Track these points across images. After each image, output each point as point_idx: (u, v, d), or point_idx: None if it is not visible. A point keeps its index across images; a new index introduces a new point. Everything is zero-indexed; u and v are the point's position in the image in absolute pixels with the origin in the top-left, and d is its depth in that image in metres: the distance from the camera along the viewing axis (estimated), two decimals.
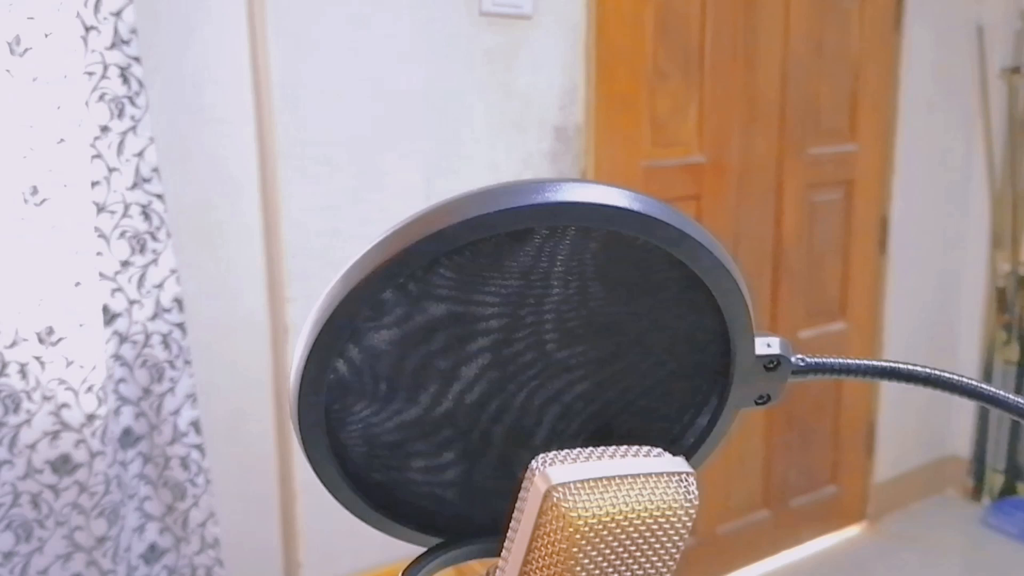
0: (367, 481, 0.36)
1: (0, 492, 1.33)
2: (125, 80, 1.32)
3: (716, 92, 2.11)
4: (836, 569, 2.50)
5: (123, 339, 1.39)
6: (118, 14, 1.30)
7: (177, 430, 1.43)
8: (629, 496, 0.28)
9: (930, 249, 2.61)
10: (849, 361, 0.38)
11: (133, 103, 1.33)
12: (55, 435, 1.33)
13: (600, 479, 0.28)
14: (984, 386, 0.34)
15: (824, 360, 0.38)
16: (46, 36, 1.24)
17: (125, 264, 1.37)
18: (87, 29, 1.28)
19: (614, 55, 1.90)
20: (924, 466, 2.75)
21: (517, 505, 0.30)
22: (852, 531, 2.64)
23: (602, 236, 0.33)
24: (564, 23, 1.78)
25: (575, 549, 0.28)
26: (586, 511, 0.28)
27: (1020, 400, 0.33)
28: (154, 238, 1.38)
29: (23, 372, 1.31)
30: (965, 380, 0.34)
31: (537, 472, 0.29)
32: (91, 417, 1.33)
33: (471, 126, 1.69)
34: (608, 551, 0.28)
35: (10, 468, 1.33)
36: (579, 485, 0.28)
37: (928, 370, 0.35)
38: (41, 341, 1.30)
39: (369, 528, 0.38)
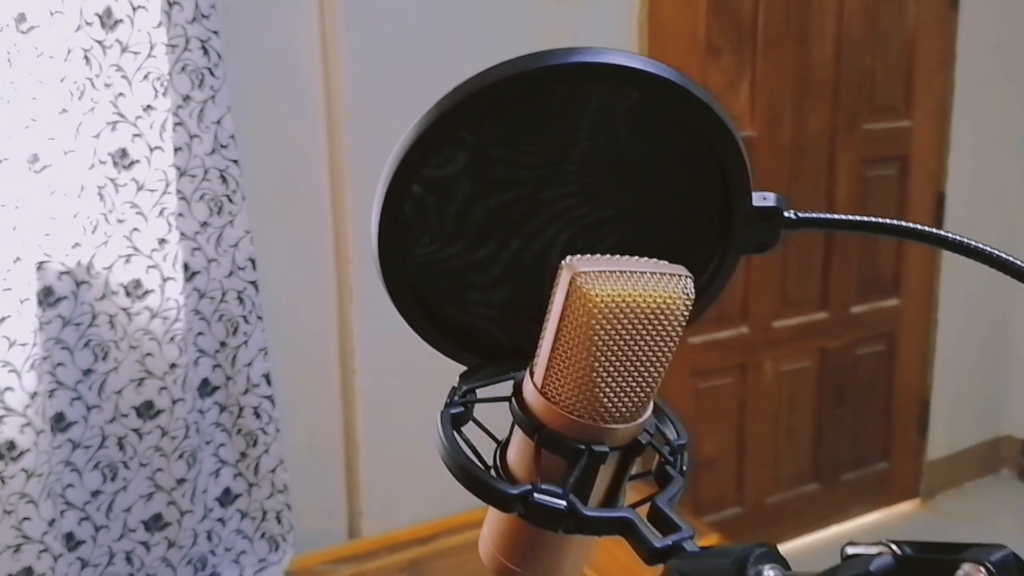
0: (431, 306, 0.44)
1: (89, 434, 1.44)
2: (205, 52, 1.41)
3: (769, 67, 2.13)
4: None
5: (202, 295, 1.49)
6: None
7: (250, 381, 1.53)
8: (637, 285, 0.35)
9: (986, 226, 2.59)
10: (840, 216, 0.44)
11: (213, 74, 1.42)
12: (140, 382, 1.44)
13: (615, 271, 0.36)
14: (961, 238, 0.39)
15: (815, 215, 0.44)
16: (134, 10, 1.34)
17: (204, 225, 1.47)
18: (170, 4, 1.38)
19: (666, 30, 1.94)
20: (978, 445, 2.74)
21: (550, 299, 0.37)
22: (904, 508, 2.64)
23: (624, 96, 0.39)
24: None
25: (593, 322, 0.35)
26: (603, 290, 0.35)
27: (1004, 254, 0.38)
28: (230, 200, 1.47)
29: (112, 323, 1.41)
30: (943, 233, 0.39)
31: (565, 265, 0.36)
32: (173, 366, 1.44)
33: None
34: (621, 328, 0.35)
35: (99, 412, 1.44)
36: (598, 274, 0.35)
37: (915, 226, 0.41)
38: (128, 294, 1.41)
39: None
